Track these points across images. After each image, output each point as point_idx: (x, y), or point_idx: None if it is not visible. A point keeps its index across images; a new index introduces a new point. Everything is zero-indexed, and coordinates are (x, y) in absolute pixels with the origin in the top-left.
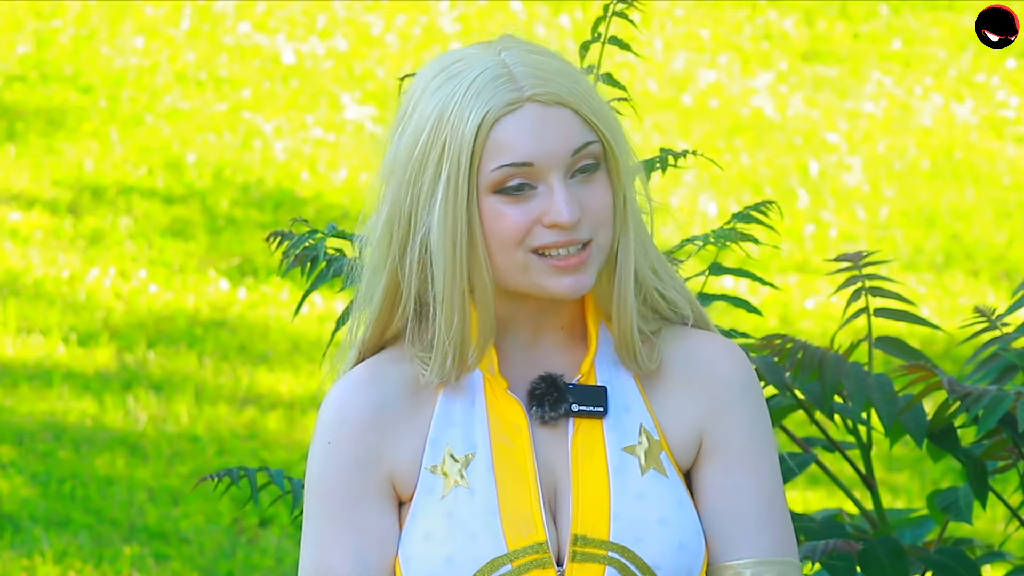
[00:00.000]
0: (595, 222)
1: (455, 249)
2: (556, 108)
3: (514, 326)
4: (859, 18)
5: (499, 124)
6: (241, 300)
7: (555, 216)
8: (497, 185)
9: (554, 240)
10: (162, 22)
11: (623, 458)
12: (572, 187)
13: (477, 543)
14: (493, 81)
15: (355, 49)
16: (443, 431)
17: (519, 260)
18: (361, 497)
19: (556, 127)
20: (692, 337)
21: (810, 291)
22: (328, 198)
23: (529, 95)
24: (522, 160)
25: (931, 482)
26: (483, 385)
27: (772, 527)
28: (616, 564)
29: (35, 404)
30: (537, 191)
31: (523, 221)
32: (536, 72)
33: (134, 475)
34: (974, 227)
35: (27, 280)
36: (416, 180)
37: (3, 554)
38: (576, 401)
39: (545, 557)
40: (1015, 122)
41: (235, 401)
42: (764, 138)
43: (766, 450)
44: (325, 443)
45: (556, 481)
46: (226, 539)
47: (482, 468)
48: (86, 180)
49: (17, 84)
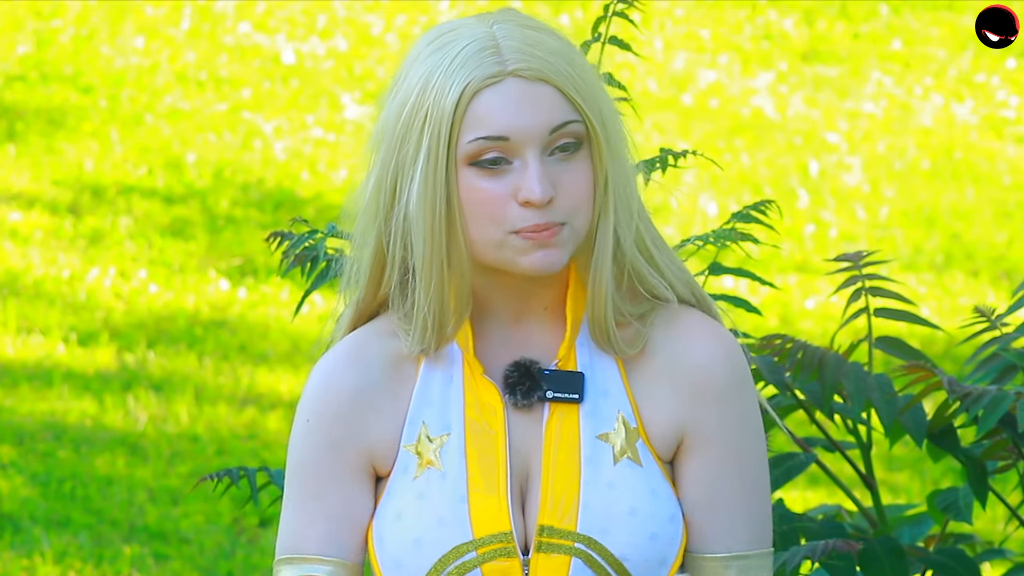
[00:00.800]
0: (570, 204)
1: (434, 219)
2: (538, 84)
3: (495, 306)
4: (859, 18)
5: (479, 96)
6: (241, 300)
7: (527, 193)
8: (473, 157)
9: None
10: (162, 22)
11: (596, 446)
12: (549, 165)
13: (444, 528)
14: (478, 53)
15: (355, 49)
16: (421, 409)
17: (495, 237)
18: (335, 477)
19: (536, 103)
20: (683, 324)
21: (810, 291)
22: (328, 198)
23: (511, 69)
24: (497, 133)
25: (931, 482)
26: (462, 364)
27: (752, 522)
28: (582, 555)
29: (35, 404)
30: (513, 166)
31: (497, 195)
32: (523, 47)
33: (134, 475)
34: (974, 227)
35: (27, 280)
36: (400, 148)
37: (3, 554)
38: (551, 388)
39: (510, 547)
40: (1015, 122)
41: (235, 401)
42: (764, 138)
43: (751, 444)
44: (304, 421)
45: (529, 467)
46: (226, 539)
47: (455, 450)
48: (86, 180)
49: (17, 84)
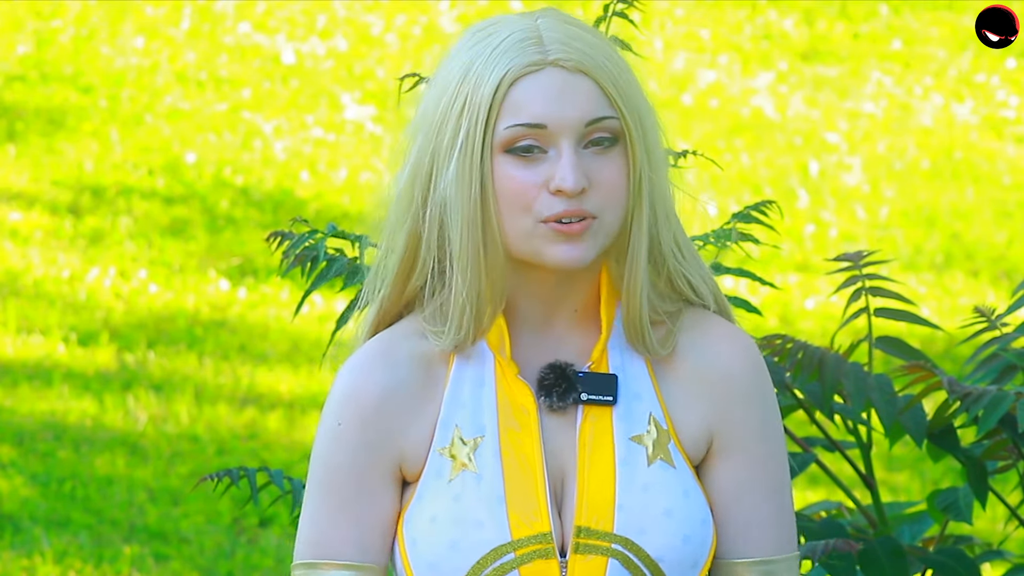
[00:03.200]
0: (602, 198)
1: (469, 205)
2: (578, 76)
3: (525, 308)
4: (859, 18)
5: (518, 84)
6: (241, 300)
7: (559, 182)
8: (508, 144)
9: (561, 211)
10: (162, 22)
11: (630, 448)
12: (583, 157)
13: (482, 530)
14: (520, 43)
15: (355, 49)
16: (453, 412)
17: (526, 226)
18: (366, 481)
19: (574, 94)
20: (711, 330)
21: (810, 291)
22: (328, 198)
23: (552, 59)
24: (534, 121)
25: (931, 482)
26: (494, 366)
27: (778, 526)
28: (619, 556)
29: (35, 404)
30: (547, 156)
31: (529, 184)
32: (565, 39)
33: (134, 475)
34: (974, 227)
35: (27, 280)
36: (438, 135)
37: (3, 554)
38: (585, 390)
39: (548, 547)
40: (1015, 122)
41: (235, 401)
42: (764, 138)
43: (775, 449)
44: (335, 424)
45: (563, 469)
46: (226, 539)
47: (489, 453)
48: (86, 180)
49: (17, 84)
